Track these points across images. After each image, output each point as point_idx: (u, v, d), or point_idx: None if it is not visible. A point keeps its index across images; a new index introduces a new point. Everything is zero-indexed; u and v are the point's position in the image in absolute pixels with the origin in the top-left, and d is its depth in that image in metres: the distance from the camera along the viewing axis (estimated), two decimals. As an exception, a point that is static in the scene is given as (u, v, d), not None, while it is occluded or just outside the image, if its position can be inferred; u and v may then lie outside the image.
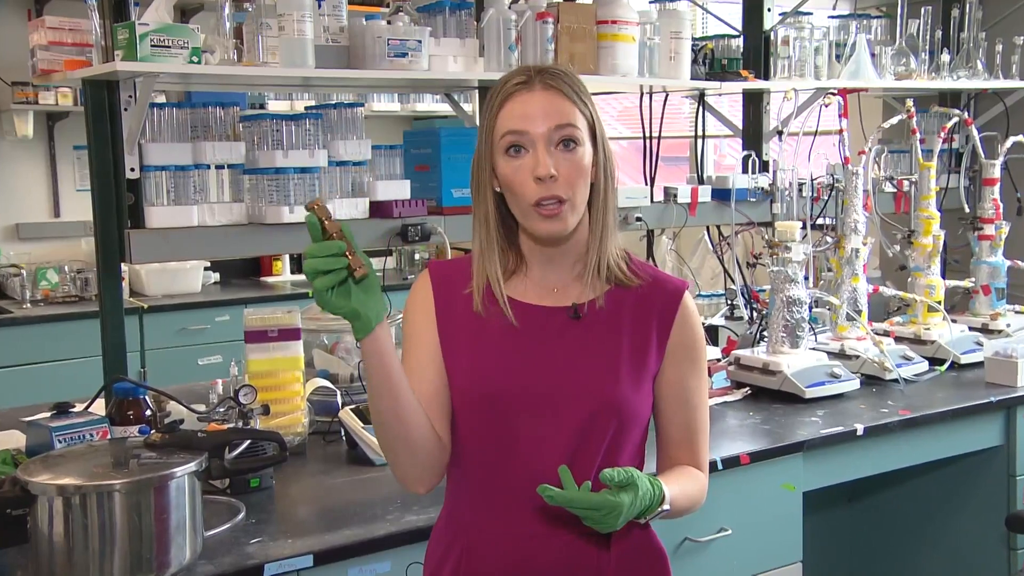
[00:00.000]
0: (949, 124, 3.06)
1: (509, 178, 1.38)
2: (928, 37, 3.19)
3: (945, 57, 3.22)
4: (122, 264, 2.15)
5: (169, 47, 1.98)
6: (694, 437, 1.48)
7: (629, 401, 1.41)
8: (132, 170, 2.11)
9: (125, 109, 2.10)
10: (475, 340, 1.43)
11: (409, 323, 1.49)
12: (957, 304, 3.20)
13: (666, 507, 1.35)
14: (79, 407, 1.94)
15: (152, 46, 1.96)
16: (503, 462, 1.40)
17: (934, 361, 2.71)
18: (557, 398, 1.39)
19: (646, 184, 2.92)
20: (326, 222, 1.23)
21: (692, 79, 2.74)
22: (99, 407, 1.99)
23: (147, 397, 1.96)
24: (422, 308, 1.47)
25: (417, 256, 5.10)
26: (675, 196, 2.78)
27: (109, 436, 1.85)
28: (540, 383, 1.40)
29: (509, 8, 2.40)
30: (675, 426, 1.47)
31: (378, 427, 1.39)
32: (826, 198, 2.87)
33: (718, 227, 2.96)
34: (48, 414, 1.90)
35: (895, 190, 3.14)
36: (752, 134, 3.15)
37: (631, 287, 1.45)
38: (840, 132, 2.78)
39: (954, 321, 2.88)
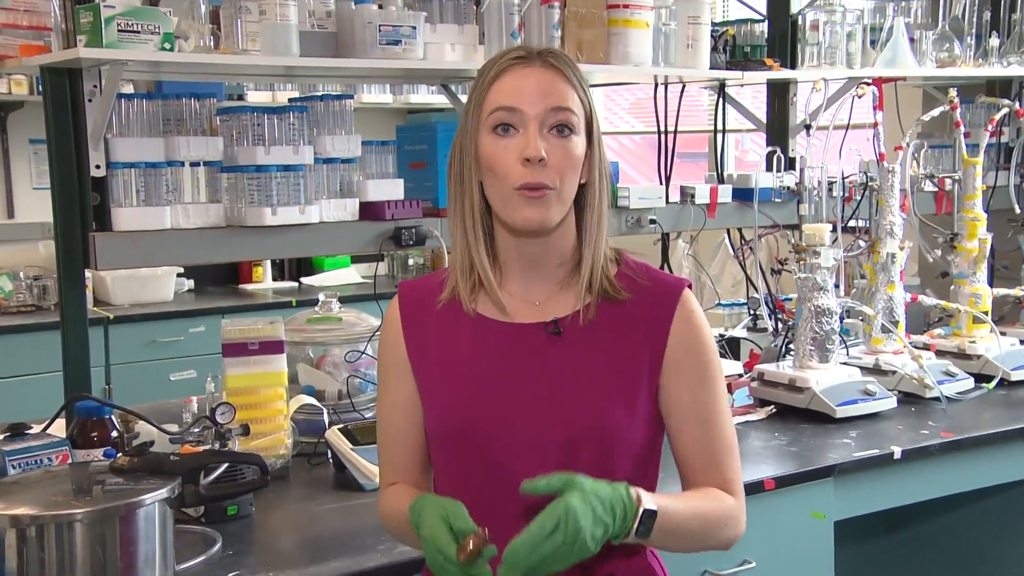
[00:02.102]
0: (998, 116, 3.06)
1: (492, 159, 1.36)
2: (975, 19, 3.18)
3: (994, 41, 3.21)
4: (86, 270, 2.15)
5: (138, 32, 1.98)
6: (719, 459, 1.41)
7: (617, 424, 1.39)
8: (97, 167, 2.12)
9: (89, 100, 2.10)
10: (446, 367, 1.43)
11: (383, 364, 1.50)
12: (1006, 315, 3.19)
13: (649, 507, 1.28)
14: (36, 428, 1.94)
15: (119, 31, 1.96)
16: (485, 500, 1.38)
17: (980, 378, 2.71)
18: (536, 426, 1.38)
19: (661, 183, 2.92)
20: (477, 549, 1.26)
21: (711, 68, 2.75)
22: (59, 428, 1.99)
23: (113, 417, 1.96)
24: (393, 348, 1.48)
25: (412, 261, 5.12)
26: (692, 196, 2.78)
27: (70, 460, 1.84)
28: (517, 410, 1.39)
29: (511, -9, 2.41)
30: (693, 448, 1.43)
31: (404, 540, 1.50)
32: (859, 198, 2.87)
33: (740, 230, 2.96)
34: (1, 436, 1.90)
35: (936, 189, 3.13)
36: (777, 128, 3.15)
37: (620, 297, 1.43)
38: (875, 126, 2.78)
39: (1003, 334, 2.87)
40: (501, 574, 1.23)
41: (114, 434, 1.93)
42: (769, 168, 2.94)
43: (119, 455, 1.64)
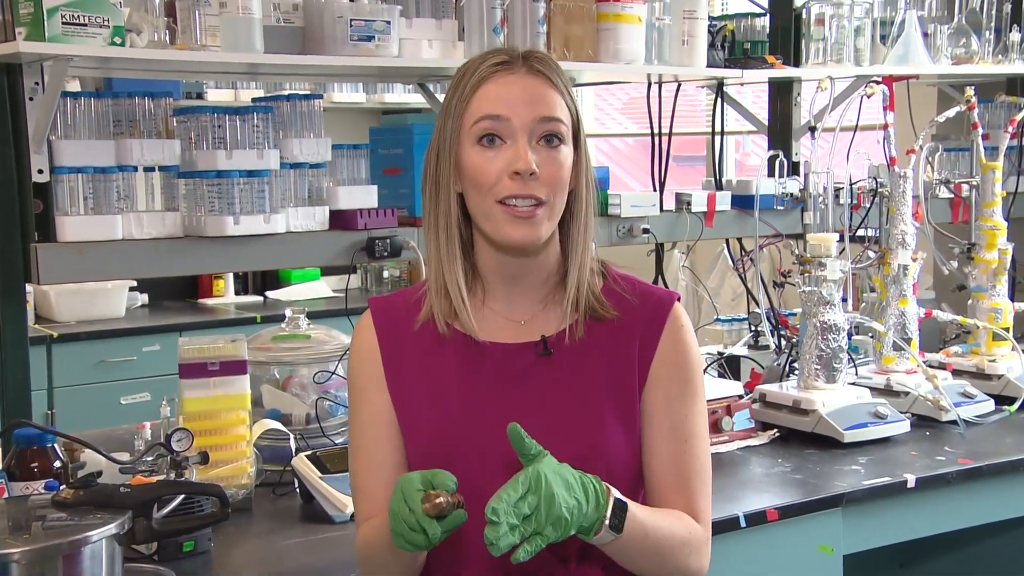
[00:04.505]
0: (1019, 116, 3.07)
1: (477, 171, 1.38)
2: (994, 12, 3.20)
3: (1015, 36, 3.23)
4: (27, 284, 2.14)
5: (85, 25, 1.98)
6: (689, 481, 1.43)
7: (617, 447, 1.40)
8: (40, 172, 2.10)
9: (30, 99, 2.09)
10: (426, 392, 1.44)
11: (356, 383, 1.50)
12: (1029, 331, 3.21)
13: (619, 498, 1.31)
14: (-31, 459, 1.93)
15: (64, 23, 1.96)
16: (470, 537, 1.38)
17: (1001, 399, 2.71)
18: None
19: (654, 189, 2.93)
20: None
21: (709, 66, 2.76)
22: (-5, 458, 1.98)
23: (56, 445, 1.94)
24: (369, 365, 1.48)
25: (386, 274, 5.12)
26: (689, 204, 2.79)
27: (6, 494, 1.83)
28: (505, 438, 1.38)
29: (494, -17, 2.41)
30: (663, 464, 1.44)
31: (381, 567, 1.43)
32: (868, 206, 2.88)
33: (740, 240, 2.97)
34: (-70, 467, 1.89)
35: (952, 195, 3.16)
36: (780, 130, 3.17)
37: (608, 315, 1.44)
38: (885, 127, 2.79)
39: (1024, 351, 2.88)
40: (487, 533, 1.23)
41: (57, 464, 1.91)
42: (771, 173, 2.96)
43: (62, 487, 1.63)
